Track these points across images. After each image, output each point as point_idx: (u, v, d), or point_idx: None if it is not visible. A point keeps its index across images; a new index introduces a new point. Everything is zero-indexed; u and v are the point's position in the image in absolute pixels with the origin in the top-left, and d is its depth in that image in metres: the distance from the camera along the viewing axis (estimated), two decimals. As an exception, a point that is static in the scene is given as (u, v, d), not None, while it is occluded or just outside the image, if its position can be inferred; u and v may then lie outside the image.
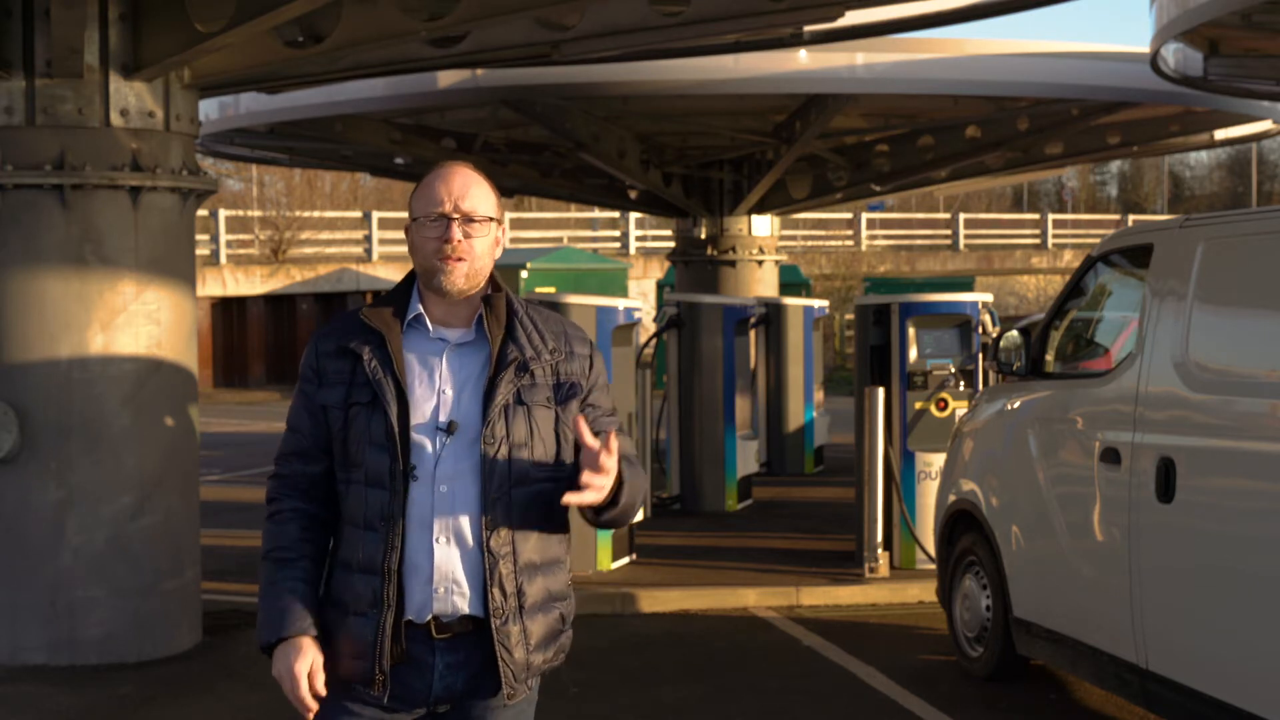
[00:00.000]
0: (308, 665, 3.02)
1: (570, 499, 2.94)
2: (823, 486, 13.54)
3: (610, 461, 2.93)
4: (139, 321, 7.58)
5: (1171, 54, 11.17)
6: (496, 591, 3.01)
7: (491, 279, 3.16)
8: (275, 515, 3.17)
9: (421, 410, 3.03)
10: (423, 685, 3.06)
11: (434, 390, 3.05)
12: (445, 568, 3.01)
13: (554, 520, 3.13)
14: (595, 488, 2.93)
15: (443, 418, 3.03)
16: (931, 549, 8.70)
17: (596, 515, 3.05)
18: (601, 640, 8.01)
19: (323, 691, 3.04)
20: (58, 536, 7.46)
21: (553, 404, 3.10)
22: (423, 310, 3.11)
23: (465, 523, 3.01)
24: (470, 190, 3.07)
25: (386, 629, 3.00)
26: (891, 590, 9.09)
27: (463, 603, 3.02)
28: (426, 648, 3.04)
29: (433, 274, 3.07)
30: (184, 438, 7.90)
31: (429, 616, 3.02)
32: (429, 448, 3.02)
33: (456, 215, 3.05)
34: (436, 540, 3.01)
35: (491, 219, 3.10)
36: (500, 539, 3.02)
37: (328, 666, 3.10)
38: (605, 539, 9.44)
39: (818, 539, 10.74)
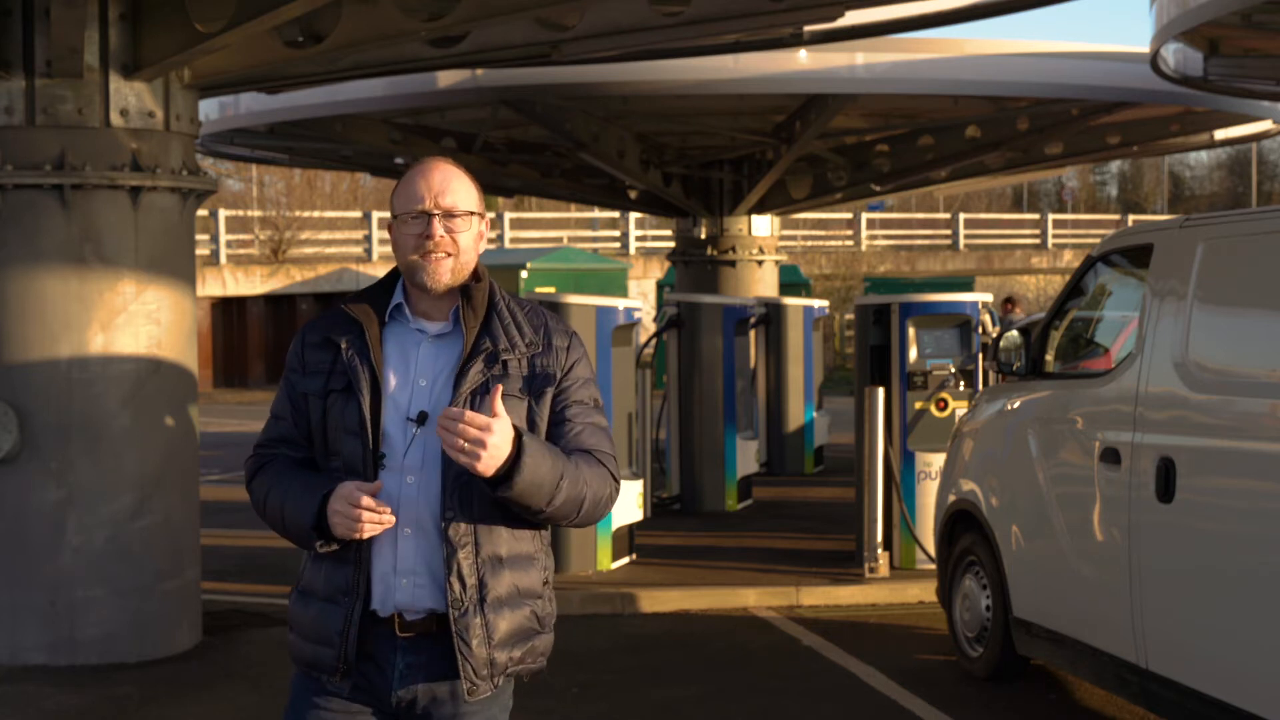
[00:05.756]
0: (350, 489, 2.91)
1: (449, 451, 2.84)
2: (823, 486, 13.54)
3: (479, 419, 2.81)
4: (139, 321, 7.58)
5: (1171, 54, 11.17)
6: (455, 582, 2.99)
7: (475, 271, 3.15)
8: (264, 467, 3.15)
9: (394, 400, 3.05)
10: (383, 684, 3.06)
11: (409, 381, 3.06)
12: (408, 559, 3.01)
13: (524, 516, 3.07)
14: (459, 444, 2.81)
15: (414, 409, 3.04)
16: (931, 549, 8.70)
17: (491, 486, 2.90)
18: (601, 640, 8.01)
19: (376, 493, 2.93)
20: (58, 536, 7.46)
21: (525, 395, 3.08)
22: (403, 301, 3.13)
23: (428, 514, 3.01)
24: (450, 185, 3.08)
25: (355, 618, 3.00)
26: (891, 590, 9.09)
27: (425, 595, 3.01)
28: (389, 645, 3.04)
29: (415, 271, 3.07)
30: (184, 438, 7.90)
31: (392, 610, 3.02)
32: (399, 438, 3.03)
33: (437, 211, 3.05)
34: (403, 530, 3.01)
35: (473, 213, 3.10)
36: (460, 530, 3.00)
37: (297, 656, 3.12)
38: (605, 539, 9.44)
39: (818, 539, 10.74)
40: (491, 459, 2.83)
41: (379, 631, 3.03)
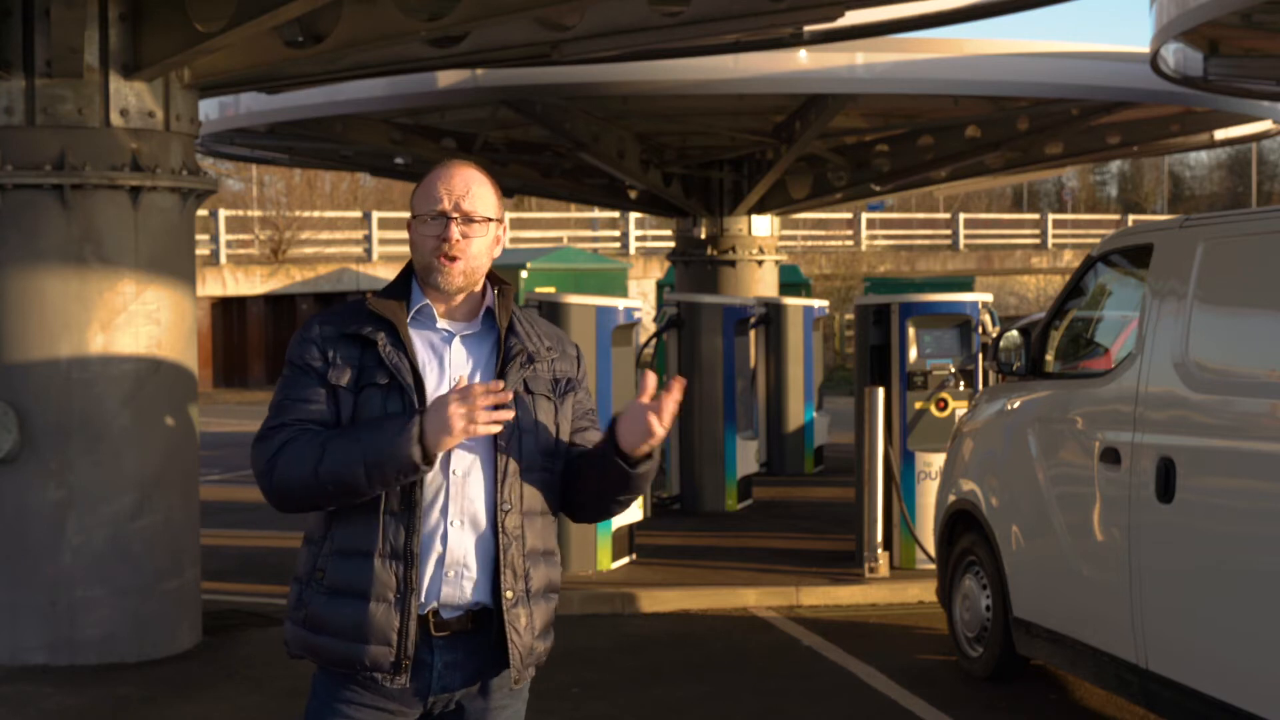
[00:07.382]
0: (462, 387, 2.93)
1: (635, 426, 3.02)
2: (823, 486, 13.54)
3: (670, 406, 3.02)
4: (139, 321, 7.58)
5: (1171, 54, 11.17)
6: (509, 573, 3.04)
7: (492, 275, 3.19)
8: (294, 440, 3.01)
9: (435, 394, 3.05)
10: (421, 684, 3.07)
11: (445, 376, 3.08)
12: (458, 551, 3.03)
13: (551, 509, 3.18)
14: (655, 426, 3.02)
15: None
16: (931, 549, 8.69)
17: (633, 465, 3.05)
18: (601, 640, 8.01)
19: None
20: (58, 536, 7.46)
21: (553, 397, 3.17)
22: (428, 303, 3.13)
23: (479, 506, 3.04)
24: (471, 190, 3.10)
25: (412, 613, 3.00)
26: (891, 590, 9.09)
27: (471, 588, 3.04)
28: (425, 646, 3.05)
29: (430, 272, 3.10)
30: (184, 438, 7.90)
31: (432, 605, 3.02)
32: None
33: (456, 214, 3.07)
34: (451, 524, 3.03)
35: (490, 219, 3.12)
36: (513, 522, 3.06)
37: (334, 658, 3.06)
38: (605, 539, 9.43)
39: (818, 539, 10.74)
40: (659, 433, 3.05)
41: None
